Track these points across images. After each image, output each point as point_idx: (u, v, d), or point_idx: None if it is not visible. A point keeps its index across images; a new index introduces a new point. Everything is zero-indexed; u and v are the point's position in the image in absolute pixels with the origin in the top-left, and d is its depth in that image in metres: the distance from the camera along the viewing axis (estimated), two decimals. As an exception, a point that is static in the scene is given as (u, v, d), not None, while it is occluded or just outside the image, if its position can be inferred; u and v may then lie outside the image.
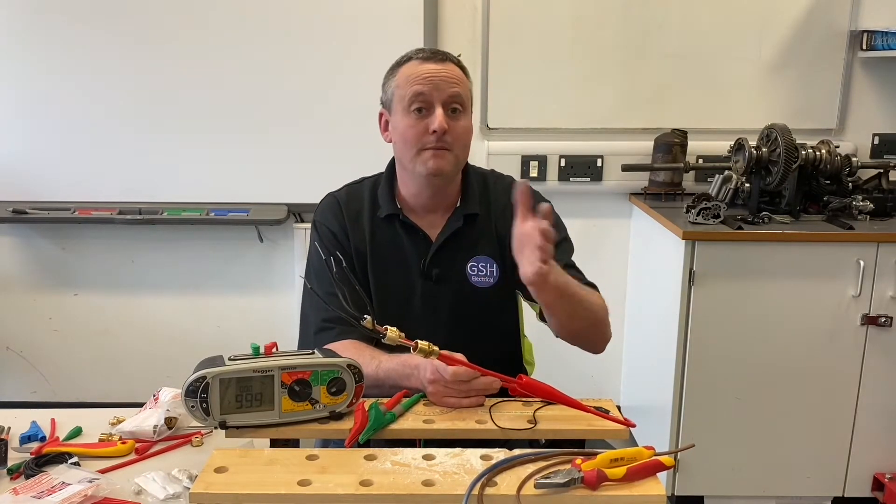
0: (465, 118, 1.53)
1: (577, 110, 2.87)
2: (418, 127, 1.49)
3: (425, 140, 1.49)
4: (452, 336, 1.32)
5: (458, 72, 1.53)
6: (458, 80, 1.51)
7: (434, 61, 1.51)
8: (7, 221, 2.90)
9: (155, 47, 2.78)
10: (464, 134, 1.53)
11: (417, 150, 1.50)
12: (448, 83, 1.49)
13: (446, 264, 1.56)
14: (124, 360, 3.10)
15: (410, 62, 1.52)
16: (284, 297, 3.01)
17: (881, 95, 2.88)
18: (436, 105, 1.48)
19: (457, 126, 1.50)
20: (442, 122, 1.47)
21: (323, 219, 1.61)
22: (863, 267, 2.35)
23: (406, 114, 1.50)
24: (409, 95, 1.49)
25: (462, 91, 1.51)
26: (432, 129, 1.47)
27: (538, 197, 1.58)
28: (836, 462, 2.49)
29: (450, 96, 1.49)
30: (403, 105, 1.50)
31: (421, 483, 1.02)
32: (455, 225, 1.57)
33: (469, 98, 1.55)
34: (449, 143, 1.49)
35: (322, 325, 1.51)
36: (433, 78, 1.48)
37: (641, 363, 2.91)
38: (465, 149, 1.55)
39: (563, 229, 1.62)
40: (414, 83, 1.49)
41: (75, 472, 1.19)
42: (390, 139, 1.58)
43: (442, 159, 1.50)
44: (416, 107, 1.49)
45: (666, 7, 2.80)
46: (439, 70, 1.49)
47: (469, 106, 1.55)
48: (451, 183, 1.58)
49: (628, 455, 1.05)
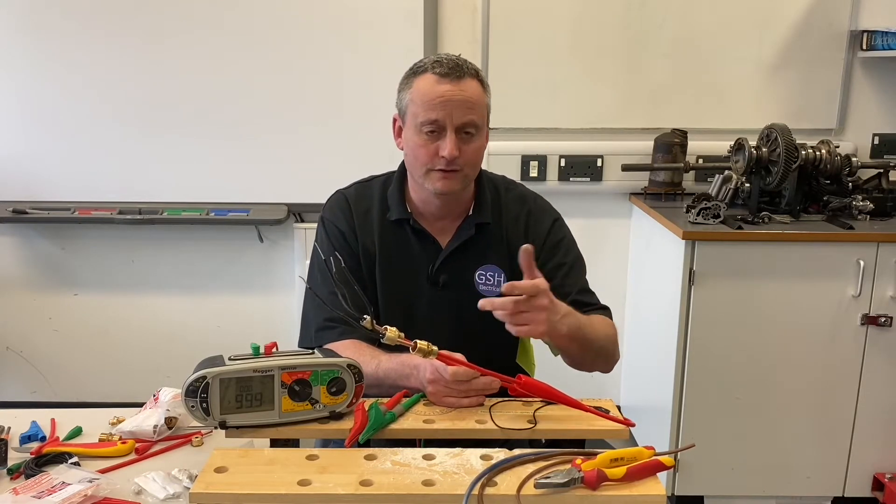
0: (478, 139, 1.49)
1: (577, 110, 2.87)
2: (429, 148, 1.46)
3: (435, 161, 1.46)
4: (456, 343, 1.32)
5: (476, 90, 1.47)
6: (473, 102, 1.46)
7: (450, 80, 1.44)
8: (7, 221, 2.90)
9: (155, 47, 2.78)
10: (476, 154, 1.50)
11: (427, 169, 1.48)
12: (463, 108, 1.44)
13: (455, 271, 1.55)
14: (124, 360, 3.10)
15: (427, 76, 1.46)
16: (284, 297, 3.01)
17: (881, 95, 2.87)
18: (448, 130, 1.45)
19: (468, 149, 1.47)
20: (453, 150, 1.44)
21: (332, 216, 1.60)
22: (863, 267, 2.35)
23: (417, 133, 1.47)
24: (421, 117, 1.45)
25: (477, 115, 1.47)
26: (442, 155, 1.45)
27: (544, 210, 1.61)
28: (836, 462, 2.49)
29: (463, 123, 1.45)
30: (416, 123, 1.47)
31: (421, 483, 1.02)
32: (467, 233, 1.56)
33: (485, 114, 1.51)
34: (460, 165, 1.47)
35: (323, 324, 1.51)
36: (448, 102, 1.43)
37: (641, 363, 2.91)
38: (475, 167, 1.53)
39: (574, 248, 1.63)
40: (428, 104, 1.44)
41: (75, 472, 1.19)
42: (402, 147, 1.55)
43: (451, 181, 1.48)
44: (427, 130, 1.46)
45: (666, 7, 2.80)
46: (455, 93, 1.44)
47: (484, 126, 1.51)
48: (462, 193, 1.56)
49: (628, 455, 1.05)
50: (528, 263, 1.30)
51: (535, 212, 1.62)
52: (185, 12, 2.76)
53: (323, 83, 2.79)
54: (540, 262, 1.58)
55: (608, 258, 2.98)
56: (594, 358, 1.52)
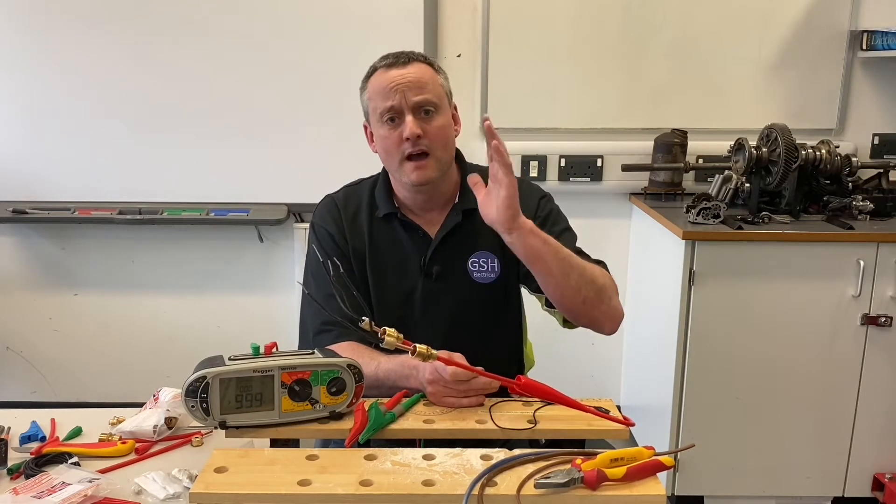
0: (440, 116, 1.51)
1: (577, 110, 2.87)
2: (393, 136, 1.49)
3: (403, 147, 1.48)
4: (454, 333, 1.32)
5: (425, 71, 1.50)
6: (424, 82, 1.49)
7: (397, 66, 1.49)
8: (7, 221, 2.91)
9: (155, 47, 2.78)
10: (440, 133, 1.51)
11: (399, 160, 1.50)
12: (414, 88, 1.47)
13: (447, 261, 1.56)
14: (124, 360, 3.10)
15: (377, 72, 1.52)
16: (284, 297, 3.01)
17: (881, 95, 2.87)
18: (405, 112, 1.47)
19: (431, 127, 1.49)
20: (413, 128, 1.46)
21: (321, 221, 1.61)
22: (863, 267, 2.35)
23: (381, 125, 1.50)
24: (379, 108, 1.49)
25: (431, 93, 1.49)
26: (405, 137, 1.47)
27: (529, 189, 1.60)
28: (836, 462, 2.49)
29: (417, 102, 1.47)
30: (377, 117, 1.51)
31: (421, 483, 1.02)
32: (454, 221, 1.57)
33: (443, 94, 1.52)
34: (427, 146, 1.48)
35: (321, 328, 1.51)
36: (398, 85, 1.47)
37: (641, 363, 2.91)
38: (445, 147, 1.53)
39: (564, 220, 1.63)
40: (382, 94, 1.48)
41: (75, 472, 1.19)
42: (376, 150, 1.58)
43: (424, 169, 1.49)
44: (387, 118, 1.49)
45: (666, 7, 2.80)
46: (404, 75, 1.48)
47: (444, 102, 1.52)
48: (444, 183, 1.57)
49: (628, 455, 1.05)
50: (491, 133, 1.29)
51: (521, 192, 1.62)
52: (186, 13, 2.76)
53: (323, 83, 2.79)
54: None
55: (608, 258, 2.92)
56: (588, 296, 1.42)
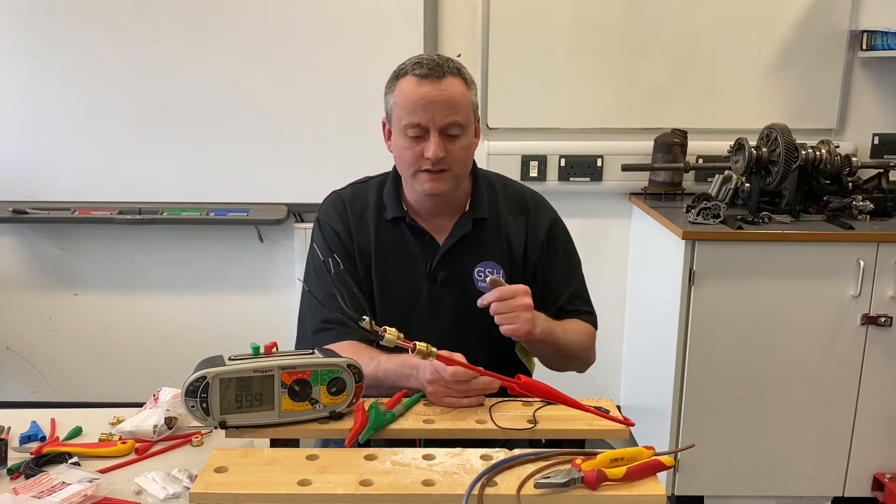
0: (464, 138, 1.48)
1: (577, 110, 2.87)
2: (414, 150, 1.46)
3: (421, 163, 1.46)
4: (456, 340, 1.32)
5: (458, 89, 1.46)
6: (456, 102, 1.44)
7: (431, 81, 1.43)
8: (7, 221, 2.90)
9: (155, 47, 2.78)
10: (462, 154, 1.49)
11: (414, 171, 1.48)
12: (445, 109, 1.43)
13: (453, 268, 1.55)
14: (124, 360, 3.10)
15: (408, 78, 1.45)
16: (284, 297, 3.01)
17: (881, 95, 2.87)
18: (431, 132, 1.44)
19: (454, 148, 1.46)
20: (437, 151, 1.43)
21: (327, 217, 1.60)
22: (863, 267, 2.35)
23: (402, 135, 1.47)
24: (405, 120, 1.45)
25: (460, 115, 1.45)
26: (427, 157, 1.45)
27: (542, 207, 1.65)
28: (836, 462, 2.49)
29: (446, 125, 1.44)
30: (400, 126, 1.47)
31: (421, 483, 1.02)
32: (464, 229, 1.56)
33: (470, 113, 1.49)
34: (447, 165, 1.47)
35: (320, 326, 1.51)
36: (429, 104, 1.43)
37: (641, 363, 2.91)
38: (464, 166, 1.52)
39: (571, 251, 1.66)
40: (409, 108, 1.44)
41: (75, 472, 1.19)
42: (392, 149, 1.55)
43: (439, 182, 1.48)
44: (412, 133, 1.45)
45: (666, 7, 2.80)
46: (436, 95, 1.43)
47: (470, 120, 1.49)
48: (456, 191, 1.55)
49: (628, 455, 1.05)
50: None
51: (533, 209, 1.63)
52: (186, 12, 2.76)
53: (323, 83, 2.79)
54: (535, 260, 1.59)
55: (608, 258, 2.98)
56: (569, 363, 1.61)
